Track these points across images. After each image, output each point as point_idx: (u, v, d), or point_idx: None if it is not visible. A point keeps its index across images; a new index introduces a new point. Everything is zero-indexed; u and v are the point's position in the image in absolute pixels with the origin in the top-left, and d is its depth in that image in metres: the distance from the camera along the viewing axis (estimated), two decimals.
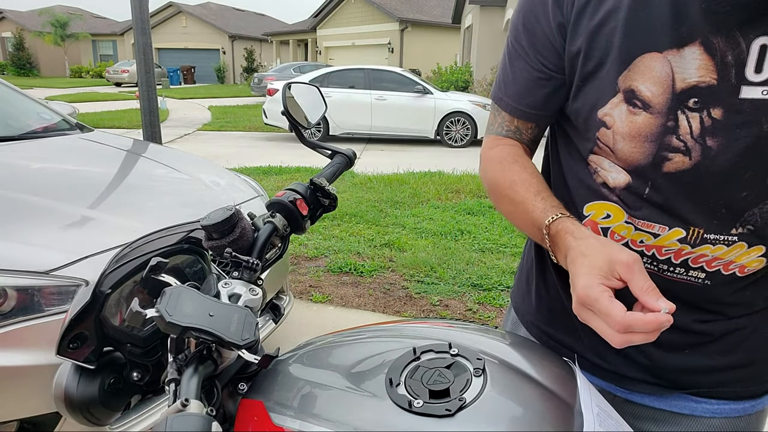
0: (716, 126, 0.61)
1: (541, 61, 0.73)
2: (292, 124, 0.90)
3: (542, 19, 0.71)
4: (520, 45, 0.75)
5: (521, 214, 0.73)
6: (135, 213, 1.87)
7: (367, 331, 0.74)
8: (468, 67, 13.34)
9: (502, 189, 0.77)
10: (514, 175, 0.76)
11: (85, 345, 0.60)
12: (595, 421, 0.56)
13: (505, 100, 0.79)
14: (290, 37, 29.52)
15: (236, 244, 0.69)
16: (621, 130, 0.67)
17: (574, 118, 0.73)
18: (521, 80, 0.76)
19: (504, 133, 0.81)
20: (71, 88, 24.17)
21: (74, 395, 0.59)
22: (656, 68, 0.63)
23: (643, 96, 0.64)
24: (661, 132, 0.64)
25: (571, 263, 0.61)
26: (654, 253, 0.71)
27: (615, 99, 0.66)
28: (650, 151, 0.66)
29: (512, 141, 0.81)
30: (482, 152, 0.84)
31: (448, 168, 7.08)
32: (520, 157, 0.78)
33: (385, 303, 3.14)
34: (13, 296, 1.41)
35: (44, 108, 2.85)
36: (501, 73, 0.80)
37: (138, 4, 4.47)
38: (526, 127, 0.80)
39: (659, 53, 0.63)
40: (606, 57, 0.66)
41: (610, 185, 0.72)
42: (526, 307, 0.92)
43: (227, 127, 11.69)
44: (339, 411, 0.57)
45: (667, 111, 0.63)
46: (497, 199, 0.79)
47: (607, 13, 0.65)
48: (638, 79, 0.64)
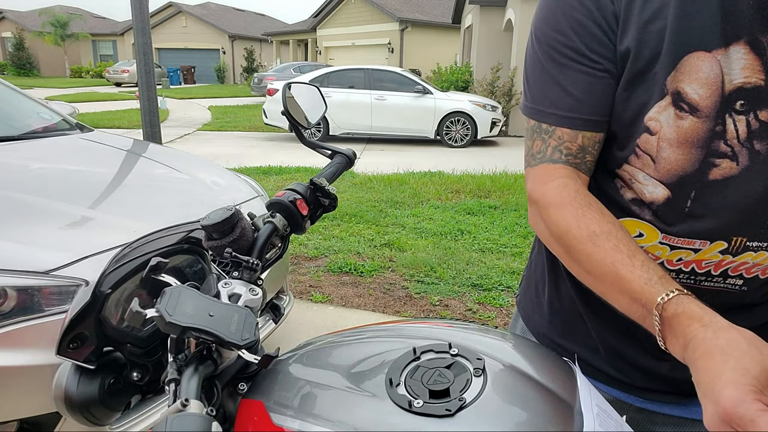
0: (764, 129, 0.59)
1: (600, 59, 0.65)
2: (292, 124, 0.90)
3: (595, 13, 0.64)
4: (569, 48, 0.65)
5: (609, 279, 0.59)
6: (135, 213, 1.87)
7: (367, 331, 0.74)
8: (468, 67, 13.33)
9: (576, 242, 0.63)
10: (592, 224, 0.62)
11: (85, 345, 0.60)
12: (595, 421, 0.56)
13: (561, 114, 0.67)
14: (290, 37, 29.52)
15: (236, 244, 0.69)
16: (668, 136, 0.62)
17: (614, 124, 0.67)
18: (581, 86, 0.66)
19: (562, 159, 0.68)
20: (71, 88, 24.16)
21: (74, 395, 0.59)
22: (704, 69, 0.59)
23: (690, 99, 0.60)
24: (709, 137, 0.60)
25: (702, 358, 0.48)
26: (693, 267, 0.68)
27: (663, 102, 0.62)
28: (697, 158, 0.61)
29: (572, 171, 0.67)
30: (532, 190, 0.70)
31: (448, 168, 7.08)
32: (592, 198, 0.65)
33: (385, 303, 3.14)
34: (13, 296, 1.41)
35: (44, 108, 2.85)
36: (543, 86, 0.69)
37: (138, 5, 4.47)
38: (593, 141, 0.68)
39: (707, 52, 0.59)
40: (656, 56, 0.61)
41: (646, 200, 0.67)
42: (537, 318, 0.88)
43: (227, 127, 11.69)
44: (339, 411, 0.57)
45: (716, 115, 0.60)
46: (567, 253, 0.65)
47: (657, 9, 0.61)
48: (685, 81, 0.60)
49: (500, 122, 9.92)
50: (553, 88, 0.67)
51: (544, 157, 0.69)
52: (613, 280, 0.59)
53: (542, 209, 0.67)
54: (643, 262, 0.57)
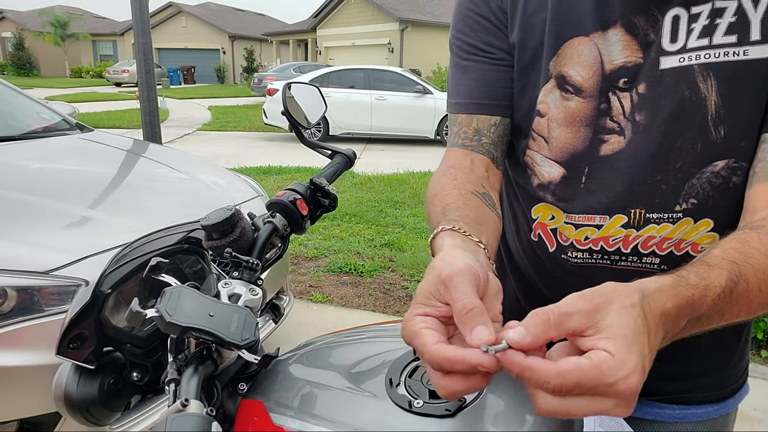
0: (642, 101, 0.63)
1: (493, 50, 0.71)
2: (292, 124, 0.90)
3: (484, 9, 0.70)
4: (468, 45, 0.72)
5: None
6: (135, 213, 1.87)
7: (367, 331, 0.74)
8: None
9: (427, 203, 0.68)
10: (439, 189, 0.67)
11: (84, 345, 0.60)
12: (595, 421, 0.56)
13: (459, 102, 0.74)
14: (290, 37, 29.53)
15: (236, 244, 0.69)
16: (556, 116, 0.67)
17: (514, 115, 0.72)
18: (474, 74, 0.72)
19: (459, 143, 0.74)
20: (71, 88, 24.17)
21: (74, 395, 0.59)
22: (584, 52, 0.64)
23: (573, 81, 0.65)
24: (595, 115, 0.65)
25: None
26: (602, 245, 0.70)
27: (548, 85, 0.67)
28: (586, 136, 0.66)
29: (464, 153, 0.72)
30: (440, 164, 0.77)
31: None
32: (458, 169, 0.70)
33: (385, 303, 3.14)
34: (13, 296, 1.41)
35: (44, 108, 2.85)
36: (452, 84, 0.76)
37: (138, 5, 4.47)
38: (488, 124, 0.72)
39: (586, 37, 0.64)
40: (540, 46, 0.67)
41: (544, 181, 0.71)
42: (507, 315, 0.90)
43: (227, 127, 11.69)
44: (339, 411, 0.57)
45: (599, 94, 0.64)
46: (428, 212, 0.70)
47: (539, 2, 0.66)
48: (567, 64, 0.65)
49: None
50: (456, 82, 0.75)
51: (450, 142, 0.76)
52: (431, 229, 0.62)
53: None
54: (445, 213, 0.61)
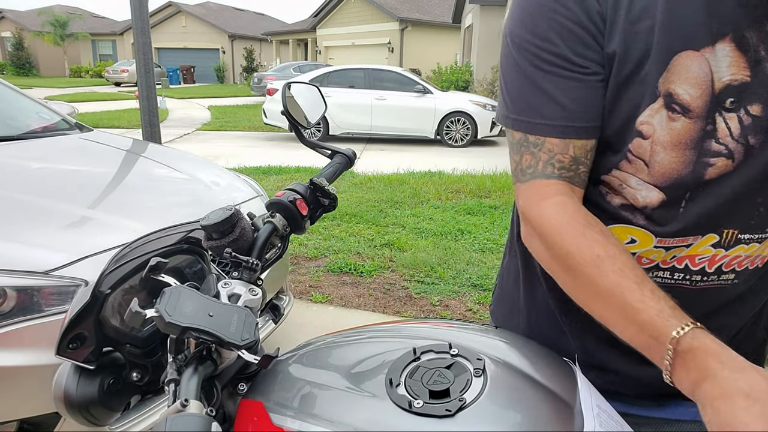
0: (757, 123, 0.59)
1: (587, 63, 0.61)
2: (291, 124, 0.90)
3: (580, 15, 0.61)
4: (554, 54, 0.62)
5: (615, 307, 0.56)
6: (135, 213, 1.86)
7: (367, 331, 0.74)
8: (468, 66, 13.34)
9: (577, 265, 0.59)
10: (596, 246, 0.58)
11: (84, 345, 0.60)
12: (596, 421, 0.56)
13: (550, 124, 0.63)
14: (290, 36, 29.51)
15: (236, 244, 0.69)
16: (661, 139, 0.60)
17: (603, 129, 0.64)
18: (569, 93, 0.62)
19: (555, 173, 0.63)
20: (71, 87, 24.16)
21: (74, 395, 0.59)
22: (694, 68, 0.58)
23: (681, 100, 0.59)
24: (701, 137, 0.59)
25: (721, 399, 0.45)
26: (687, 264, 0.66)
27: (655, 105, 0.60)
28: (690, 159, 0.60)
29: (566, 187, 0.64)
30: (526, 208, 0.66)
31: (448, 168, 7.08)
32: (592, 217, 0.62)
33: (385, 303, 3.14)
34: (13, 296, 1.41)
35: (43, 108, 2.85)
36: (526, 94, 0.65)
37: (138, 4, 4.47)
38: (584, 150, 0.64)
39: (696, 51, 0.58)
40: (645, 58, 0.59)
41: (638, 205, 0.65)
42: (512, 327, 0.86)
43: (227, 126, 11.69)
44: (339, 411, 0.57)
45: (706, 114, 0.59)
46: (567, 276, 0.62)
47: (644, 8, 0.59)
48: (676, 81, 0.59)
49: None
50: (538, 97, 0.63)
51: (535, 172, 0.65)
52: (619, 307, 0.55)
53: (539, 230, 0.64)
54: (653, 290, 0.54)
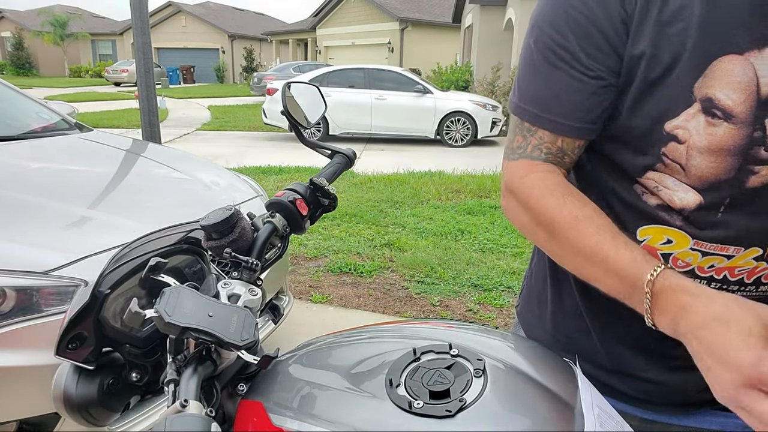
0: None
1: (597, 67, 0.62)
2: (291, 124, 0.90)
3: (599, 17, 0.60)
4: (565, 50, 0.63)
5: (595, 260, 0.60)
6: (135, 213, 1.86)
7: (367, 331, 0.74)
8: (468, 66, 13.34)
9: (560, 228, 0.63)
10: (575, 210, 0.62)
11: (84, 345, 0.60)
12: (596, 422, 0.56)
13: (547, 117, 0.66)
14: (290, 36, 29.51)
15: (236, 244, 0.68)
16: (698, 144, 0.59)
17: (625, 132, 0.64)
18: (570, 91, 0.64)
19: (542, 156, 0.68)
20: (70, 87, 24.16)
21: (73, 396, 0.59)
22: (737, 72, 0.56)
23: (722, 105, 0.57)
24: (747, 144, 0.57)
25: (701, 330, 0.49)
26: (725, 275, 0.65)
27: (691, 110, 0.58)
28: (733, 166, 0.59)
29: (551, 167, 0.68)
30: (511, 182, 0.69)
31: (448, 168, 7.08)
32: (571, 188, 0.66)
33: (385, 303, 3.14)
34: (12, 296, 1.40)
35: (43, 108, 2.85)
36: (532, 84, 0.67)
37: (137, 4, 4.47)
38: (573, 146, 0.67)
39: (739, 55, 0.56)
40: (676, 61, 0.57)
41: (675, 206, 0.63)
42: (539, 332, 0.86)
43: (227, 126, 11.69)
44: (339, 412, 0.57)
45: (753, 120, 0.56)
46: (551, 241, 0.65)
47: (676, 10, 0.57)
48: (716, 86, 0.57)
49: (500, 122, 9.92)
50: (540, 89, 0.66)
51: (524, 153, 0.69)
52: (598, 260, 0.59)
53: (523, 199, 0.67)
54: (626, 242, 0.59)
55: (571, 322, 0.80)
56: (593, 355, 0.78)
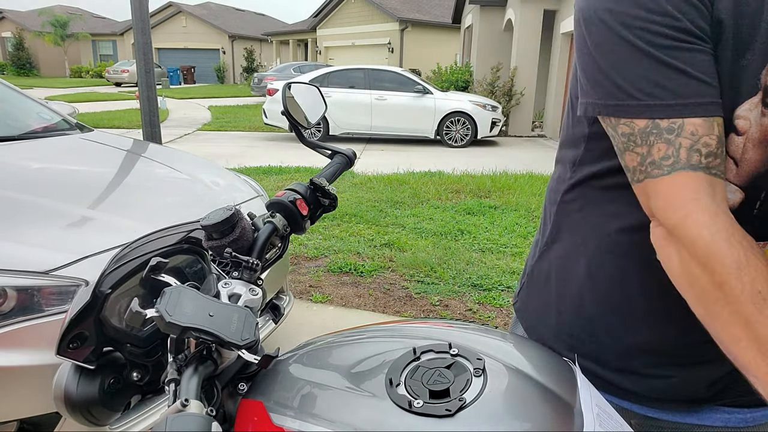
0: None
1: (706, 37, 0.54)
2: (292, 124, 0.90)
3: None
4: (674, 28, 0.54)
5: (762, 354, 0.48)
6: (135, 213, 1.87)
7: (367, 331, 0.74)
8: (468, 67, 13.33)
9: (735, 299, 0.50)
10: (759, 280, 0.49)
11: (84, 345, 0.60)
12: (596, 421, 0.56)
13: (691, 102, 0.54)
14: (290, 37, 29.51)
15: (236, 244, 0.69)
16: (753, 135, 0.55)
17: None
18: (702, 66, 0.54)
19: (702, 164, 0.53)
20: (71, 88, 24.16)
21: (74, 395, 0.59)
22: None
23: None
24: None
25: None
26: None
27: (755, 98, 0.54)
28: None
29: (711, 185, 0.53)
30: (670, 210, 0.55)
31: (448, 168, 7.08)
32: (749, 237, 0.52)
33: (385, 303, 3.14)
34: (13, 296, 1.41)
35: (44, 108, 2.85)
36: (648, 78, 0.55)
37: (138, 4, 4.47)
38: (723, 131, 0.56)
39: None
40: (749, 43, 0.53)
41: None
42: (542, 330, 0.84)
43: (227, 127, 11.69)
44: (339, 411, 0.57)
45: None
46: (711, 305, 0.52)
47: None
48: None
49: (500, 122, 9.92)
50: (667, 75, 0.54)
51: (677, 163, 0.54)
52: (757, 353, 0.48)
53: (690, 245, 0.53)
54: None
55: (577, 320, 0.79)
56: (598, 354, 0.77)
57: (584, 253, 0.76)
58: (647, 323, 0.71)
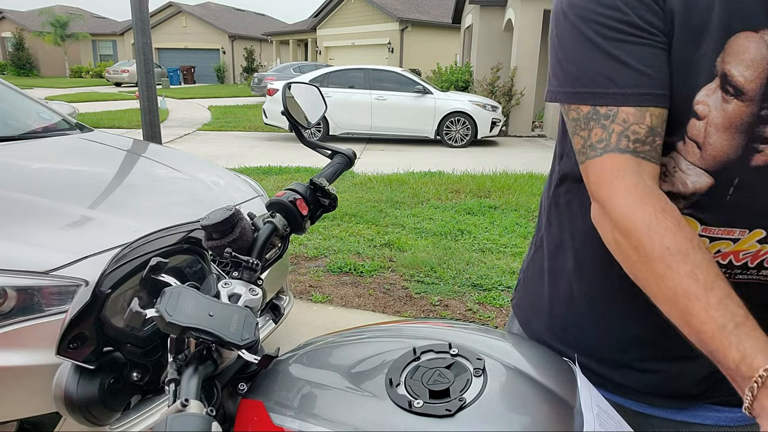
0: None
1: (655, 31, 0.58)
2: (292, 124, 0.90)
3: None
4: (623, 22, 0.59)
5: (678, 310, 0.53)
6: (135, 213, 1.87)
7: (367, 331, 0.74)
8: (468, 67, 13.32)
9: (648, 258, 0.55)
10: (667, 237, 0.54)
11: (85, 345, 0.60)
12: (595, 421, 0.56)
13: (625, 92, 0.59)
14: (290, 37, 29.51)
15: (236, 244, 0.69)
16: (715, 120, 0.59)
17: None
18: (643, 59, 0.58)
19: (629, 147, 0.59)
20: (71, 88, 24.16)
21: (74, 395, 0.59)
22: (751, 50, 0.56)
23: (735, 81, 0.57)
24: (753, 122, 0.58)
25: None
26: (731, 260, 0.65)
27: (712, 84, 0.58)
28: (740, 144, 0.59)
29: (640, 164, 0.59)
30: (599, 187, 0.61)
31: (448, 168, 7.08)
32: (666, 201, 0.57)
33: (385, 303, 3.14)
34: (13, 296, 1.41)
35: (44, 108, 2.85)
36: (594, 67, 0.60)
37: (138, 4, 4.47)
38: (661, 120, 0.60)
39: (755, 32, 0.56)
40: (703, 33, 0.57)
41: (687, 191, 0.63)
42: (535, 324, 0.86)
43: (227, 127, 11.69)
44: (339, 411, 0.57)
45: (761, 98, 0.57)
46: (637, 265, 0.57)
47: None
48: (732, 62, 0.57)
49: (500, 122, 9.92)
50: (611, 66, 0.59)
51: (608, 146, 0.60)
52: (682, 312, 0.52)
53: (611, 214, 0.59)
54: (721, 299, 0.50)
55: (568, 314, 0.80)
56: (590, 347, 0.78)
57: (572, 246, 0.78)
58: (631, 313, 0.72)
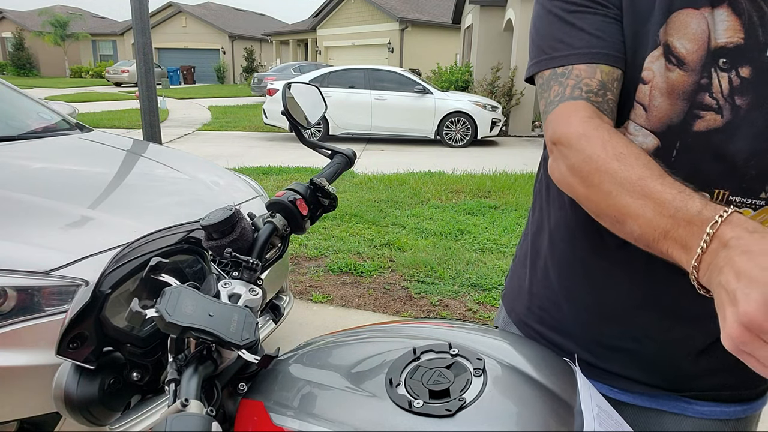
0: (744, 85, 0.62)
1: (608, 4, 0.66)
2: (292, 124, 0.90)
3: None
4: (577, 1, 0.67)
5: (634, 194, 0.54)
6: (135, 213, 1.87)
7: (367, 331, 0.74)
8: (468, 67, 13.32)
9: (600, 163, 0.58)
10: (620, 146, 0.59)
11: (85, 345, 0.60)
12: (595, 421, 0.56)
13: (578, 52, 0.66)
14: (290, 37, 29.51)
15: (236, 244, 0.69)
16: (659, 85, 0.65)
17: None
18: (597, 26, 0.66)
19: (582, 95, 0.65)
20: (71, 88, 24.16)
21: (74, 395, 0.59)
22: (692, 25, 0.63)
23: (677, 52, 0.63)
24: (694, 90, 0.63)
25: (741, 255, 0.41)
26: None
27: (655, 52, 0.65)
28: (682, 109, 0.64)
29: (594, 109, 0.64)
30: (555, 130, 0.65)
31: (448, 168, 7.08)
32: (615, 130, 0.63)
33: (385, 303, 3.14)
34: (13, 296, 1.41)
35: (44, 108, 2.85)
36: (555, 36, 0.68)
37: (138, 5, 4.47)
38: (611, 78, 0.65)
39: (696, 9, 0.63)
40: (651, 11, 0.64)
41: None
42: (518, 307, 0.89)
43: (227, 127, 11.69)
44: (339, 411, 0.57)
45: (701, 69, 0.63)
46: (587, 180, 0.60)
47: None
48: (674, 35, 0.63)
49: (500, 122, 9.92)
50: (568, 33, 0.67)
51: (563, 97, 0.66)
52: (639, 194, 0.54)
53: (565, 145, 0.63)
54: (674, 180, 0.54)
55: (544, 292, 0.83)
56: (564, 325, 0.81)
57: (548, 227, 0.82)
58: (596, 284, 0.76)
